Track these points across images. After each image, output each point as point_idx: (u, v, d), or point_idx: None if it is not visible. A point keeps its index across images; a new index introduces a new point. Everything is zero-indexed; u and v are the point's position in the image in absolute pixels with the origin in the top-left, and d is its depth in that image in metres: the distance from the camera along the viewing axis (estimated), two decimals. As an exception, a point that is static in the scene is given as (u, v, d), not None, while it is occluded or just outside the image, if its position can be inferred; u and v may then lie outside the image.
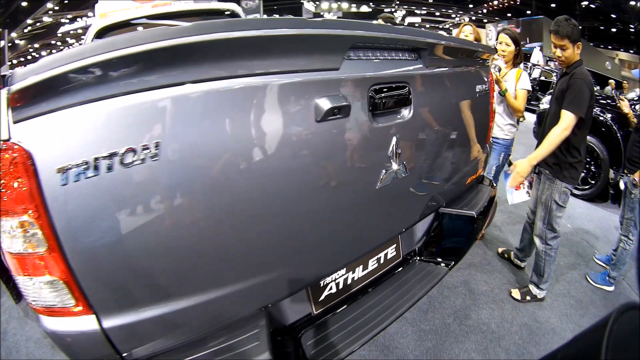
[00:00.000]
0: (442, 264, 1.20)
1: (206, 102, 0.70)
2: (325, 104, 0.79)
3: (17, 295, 2.17)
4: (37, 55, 20.90)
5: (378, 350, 1.66)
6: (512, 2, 19.23)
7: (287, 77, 0.77)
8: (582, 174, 3.61)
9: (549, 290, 2.12)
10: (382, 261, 1.09)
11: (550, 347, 1.70)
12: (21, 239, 0.65)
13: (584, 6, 16.91)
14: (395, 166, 0.96)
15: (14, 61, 18.24)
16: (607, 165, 3.41)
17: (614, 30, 18.05)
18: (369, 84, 0.90)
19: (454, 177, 1.30)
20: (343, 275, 1.01)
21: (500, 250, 2.52)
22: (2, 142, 0.62)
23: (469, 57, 1.29)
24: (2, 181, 0.63)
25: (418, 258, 1.25)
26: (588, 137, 3.43)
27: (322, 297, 0.94)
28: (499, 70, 2.25)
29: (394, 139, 0.96)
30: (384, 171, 0.95)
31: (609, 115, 3.43)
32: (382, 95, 0.92)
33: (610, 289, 2.19)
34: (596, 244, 2.76)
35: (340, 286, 0.97)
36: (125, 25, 2.78)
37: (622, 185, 2.93)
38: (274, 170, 0.78)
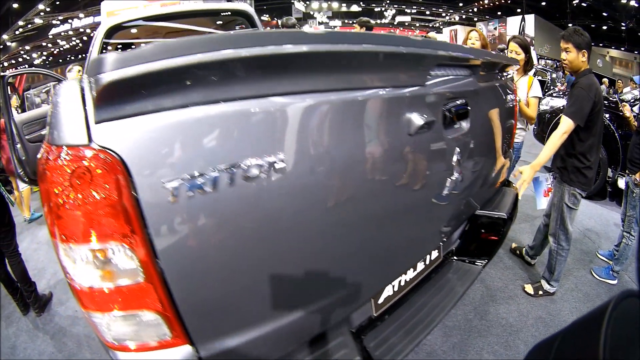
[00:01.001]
0: (477, 263, 1.33)
1: (320, 113, 0.69)
2: (417, 119, 0.85)
3: (24, 306, 2.16)
4: (27, 58, 20.52)
5: (408, 345, 1.77)
6: (502, 1, 19.50)
7: (384, 91, 0.80)
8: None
9: (560, 285, 2.27)
10: (427, 262, 1.20)
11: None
12: (109, 267, 0.55)
13: (575, 4, 17.23)
14: (457, 174, 1.06)
15: (5, 63, 17.90)
16: (606, 164, 3.57)
17: (605, 28, 18.43)
18: (443, 99, 0.98)
19: (489, 181, 1.43)
20: (399, 277, 1.11)
21: (513, 246, 2.67)
22: (81, 146, 0.50)
23: (502, 70, 1.42)
24: (81, 196, 0.50)
25: (455, 258, 1.37)
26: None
27: (381, 300, 1.04)
28: (512, 79, 2.37)
29: (457, 150, 1.06)
30: (449, 179, 1.05)
31: (606, 116, 3.59)
32: (451, 109, 1.02)
33: (614, 282, 2.34)
34: (598, 240, 2.91)
35: (396, 288, 1.08)
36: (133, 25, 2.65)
37: (620, 184, 3.09)
38: (377, 183, 0.81)
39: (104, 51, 2.41)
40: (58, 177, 0.51)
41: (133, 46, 2.77)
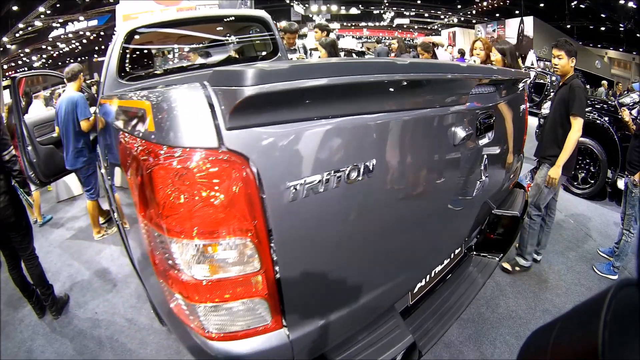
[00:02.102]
0: (493, 257, 1.47)
1: (398, 129, 0.85)
2: (461, 132, 1.02)
3: (41, 309, 2.12)
4: (27, 60, 20.50)
5: (426, 337, 1.91)
6: (501, 3, 19.69)
7: (438, 111, 0.98)
8: (583, 174, 3.97)
9: (563, 280, 2.41)
10: (452, 257, 1.35)
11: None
12: (232, 259, 0.61)
13: (573, 6, 17.40)
14: (484, 178, 1.24)
15: (5, 66, 17.88)
16: (606, 165, 3.71)
17: (603, 29, 18.64)
18: (477, 114, 1.16)
19: (505, 183, 1.60)
20: (432, 269, 1.25)
21: (517, 244, 2.81)
22: (212, 149, 0.56)
23: (516, 82, 1.58)
24: (212, 193, 0.57)
25: (474, 253, 1.51)
26: (587, 140, 3.79)
27: (416, 290, 1.17)
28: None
29: (485, 157, 1.23)
30: (478, 182, 1.22)
31: (606, 119, 3.74)
32: (481, 121, 1.19)
33: (615, 277, 2.48)
34: (598, 238, 3.06)
35: (428, 279, 1.22)
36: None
37: (620, 185, 3.24)
38: (430, 186, 0.99)
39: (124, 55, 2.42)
40: (183, 176, 0.57)
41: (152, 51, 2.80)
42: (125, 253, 1.66)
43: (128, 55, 2.18)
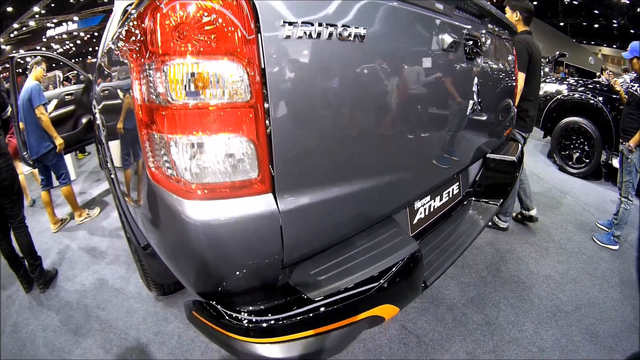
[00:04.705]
0: (492, 202, 1.43)
1: (387, 13, 0.83)
2: (448, 38, 1.03)
3: (28, 283, 2.09)
4: (22, 62, 20.33)
5: (428, 302, 1.86)
6: (494, 1, 19.89)
7: (425, 11, 0.98)
8: (577, 154, 3.97)
9: (564, 249, 2.39)
10: (450, 195, 1.31)
11: (575, 294, 1.93)
12: (220, 84, 0.57)
13: (566, 3, 17.56)
14: (477, 99, 1.21)
15: (-1, 67, 17.73)
16: (600, 144, 3.72)
17: (596, 26, 18.81)
18: (463, 31, 1.15)
19: (499, 125, 1.57)
20: (428, 202, 1.21)
21: (514, 214, 2.79)
22: None
23: (506, 30, 1.56)
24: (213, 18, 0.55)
25: (473, 199, 1.47)
26: (581, 119, 3.82)
27: (415, 221, 1.13)
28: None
29: (475, 79, 1.21)
30: (471, 101, 1.19)
31: (600, 98, 3.76)
32: (469, 42, 1.17)
33: (615, 247, 2.45)
34: (596, 213, 3.04)
35: (427, 212, 1.18)
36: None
37: (615, 164, 3.24)
38: (424, 83, 0.96)
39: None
40: None
41: None
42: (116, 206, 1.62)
43: None
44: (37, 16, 16.55)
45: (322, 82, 0.69)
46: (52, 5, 16.31)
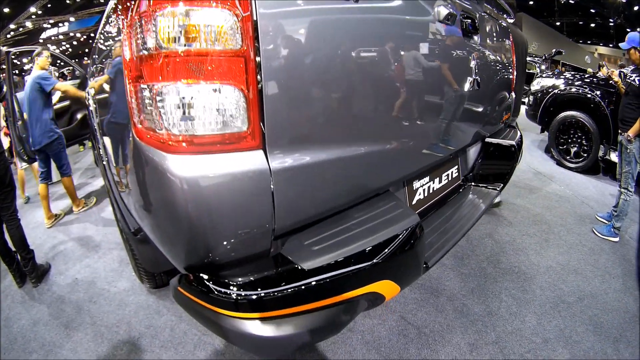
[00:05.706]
0: (491, 188, 1.40)
1: None
2: (444, 10, 1.02)
3: (21, 277, 2.06)
4: (18, 63, 20.22)
5: (428, 293, 1.82)
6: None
7: None
8: (575, 148, 3.95)
9: (564, 240, 2.36)
10: (450, 178, 1.28)
11: (577, 285, 1.90)
12: (213, 32, 0.54)
13: (562, 2, 17.59)
14: (475, 76, 1.19)
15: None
16: (598, 139, 3.71)
17: (593, 25, 18.83)
18: (460, 8, 1.13)
19: (497, 109, 1.54)
20: (427, 182, 1.18)
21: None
22: None
23: (504, 13, 1.54)
24: None
25: (472, 184, 1.44)
26: (579, 114, 3.81)
27: (415, 201, 1.09)
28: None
29: (473, 55, 1.19)
30: (470, 78, 1.16)
31: (597, 93, 3.74)
32: (466, 19, 1.15)
33: (616, 239, 2.43)
34: (595, 206, 3.02)
35: (426, 193, 1.14)
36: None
37: (613, 158, 3.22)
38: (422, 54, 0.94)
39: None
40: None
41: None
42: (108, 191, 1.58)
43: None
44: (33, 17, 16.47)
45: (315, 36, 0.66)
46: (49, 5, 16.23)
